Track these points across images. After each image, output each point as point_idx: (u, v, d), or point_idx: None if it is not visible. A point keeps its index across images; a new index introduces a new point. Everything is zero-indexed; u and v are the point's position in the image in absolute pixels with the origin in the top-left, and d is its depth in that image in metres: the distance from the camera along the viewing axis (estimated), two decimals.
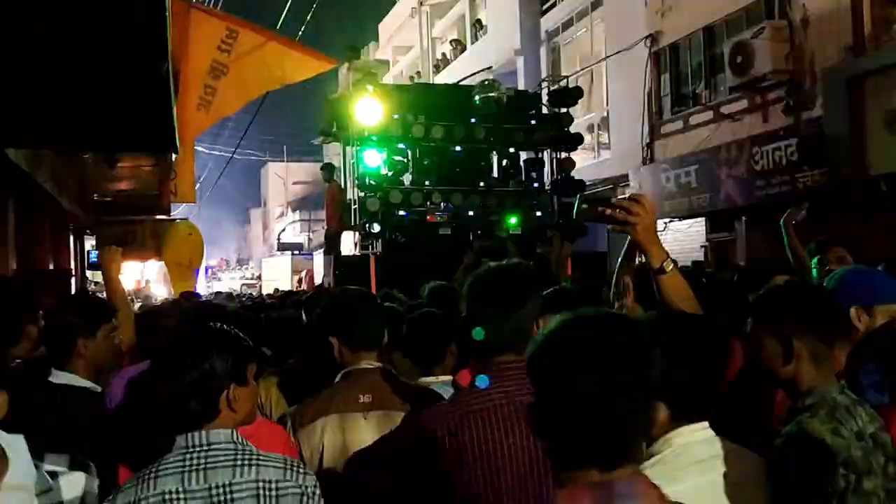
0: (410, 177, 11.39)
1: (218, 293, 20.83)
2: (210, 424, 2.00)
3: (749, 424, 2.32)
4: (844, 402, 1.99)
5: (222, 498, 1.93)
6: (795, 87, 11.59)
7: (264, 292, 23.80)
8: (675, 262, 2.46)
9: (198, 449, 1.97)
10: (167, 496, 1.92)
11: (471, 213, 11.40)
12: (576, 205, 2.41)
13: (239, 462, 1.98)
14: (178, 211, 17.76)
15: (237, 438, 2.02)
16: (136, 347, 3.70)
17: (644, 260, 2.47)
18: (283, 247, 37.97)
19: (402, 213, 11.10)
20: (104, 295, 3.88)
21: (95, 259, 12.23)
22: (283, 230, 42.10)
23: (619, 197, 2.40)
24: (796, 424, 1.96)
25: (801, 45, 11.44)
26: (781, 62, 11.47)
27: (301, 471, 2.06)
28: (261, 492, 1.96)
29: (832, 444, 1.86)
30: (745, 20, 12.60)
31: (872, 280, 2.73)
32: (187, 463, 1.95)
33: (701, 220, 14.07)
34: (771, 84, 11.92)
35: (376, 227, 10.87)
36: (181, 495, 1.92)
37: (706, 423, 1.88)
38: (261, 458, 2.01)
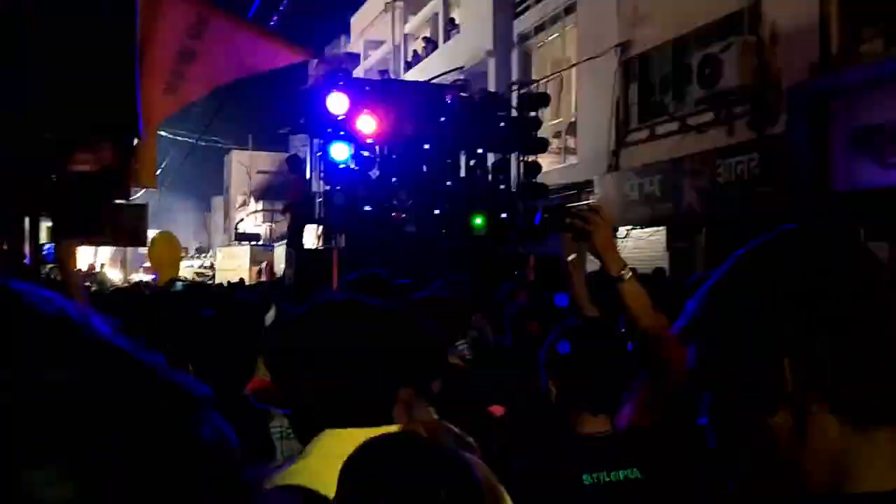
0: (377, 172, 11.36)
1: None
2: None
3: None
4: None
5: None
6: (761, 103, 11.75)
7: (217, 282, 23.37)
8: (633, 270, 2.50)
9: None
10: None
11: (436, 211, 11.40)
12: (538, 215, 2.53)
13: None
14: (138, 196, 17.46)
15: None
16: None
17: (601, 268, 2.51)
18: (240, 237, 37.49)
19: (367, 208, 11.05)
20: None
21: (51, 251, 11.95)
22: (242, 220, 41.58)
23: (577, 204, 2.47)
24: None
25: (769, 61, 11.60)
26: (748, 77, 11.62)
27: None
28: None
29: None
30: (714, 33, 12.74)
31: None
32: None
33: (662, 229, 14.21)
34: (737, 98, 12.08)
35: (341, 221, 10.82)
36: None
37: None
38: None
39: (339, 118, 10.70)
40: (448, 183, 11.52)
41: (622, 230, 14.75)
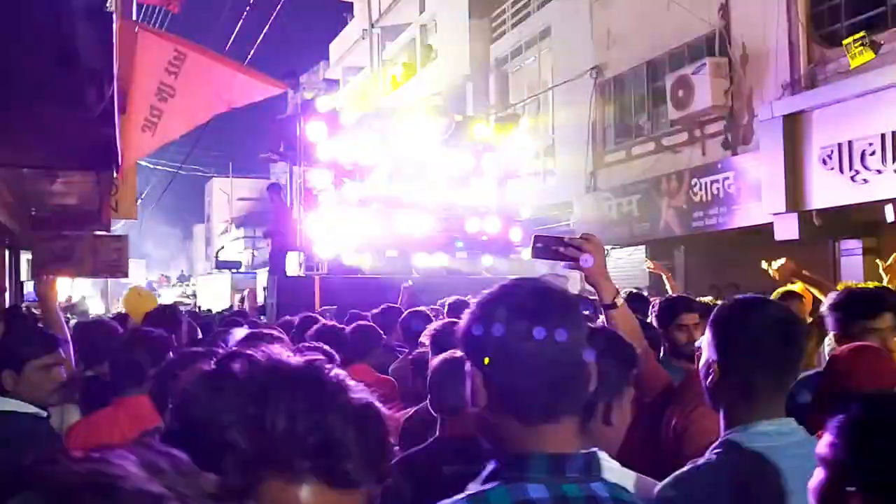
0: (357, 198, 11.40)
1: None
2: None
3: None
4: None
5: None
6: (733, 122, 11.97)
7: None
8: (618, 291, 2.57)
9: None
10: None
11: (418, 235, 11.46)
12: (531, 244, 2.48)
13: None
14: (119, 226, 17.40)
15: None
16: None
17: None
18: (221, 265, 37.19)
19: (349, 234, 11.08)
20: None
21: (32, 292, 11.92)
22: (222, 248, 41.28)
23: (571, 236, 2.48)
24: None
25: (740, 82, 11.83)
26: (721, 97, 11.83)
27: None
28: None
29: None
30: (686, 56, 12.98)
31: None
32: None
33: (641, 248, 14.36)
34: (710, 118, 12.29)
35: (322, 248, 10.85)
36: None
37: None
38: None
39: (319, 146, 10.78)
40: (428, 207, 11.60)
41: None
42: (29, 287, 13.77)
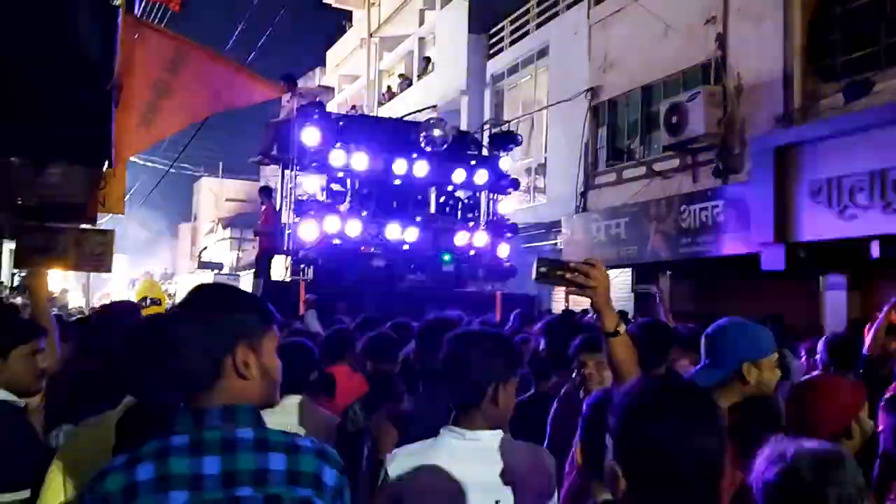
0: (348, 206, 11.38)
1: None
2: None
3: None
4: None
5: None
6: (725, 151, 12.04)
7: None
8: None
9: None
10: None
11: (405, 246, 11.44)
12: (534, 266, 2.46)
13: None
14: (105, 221, 17.24)
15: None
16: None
17: (598, 321, 2.55)
18: (203, 265, 37.00)
19: (336, 241, 11.05)
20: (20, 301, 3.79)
21: (18, 283, 11.80)
22: (206, 248, 41.01)
23: (576, 262, 2.46)
24: None
25: (734, 112, 11.91)
26: (714, 126, 11.91)
27: None
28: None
29: None
30: (681, 83, 13.08)
31: (758, 334, 2.80)
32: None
33: (628, 271, 14.39)
34: (702, 146, 12.36)
35: (309, 254, 10.82)
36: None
37: None
38: None
39: (312, 150, 10.76)
40: (418, 219, 11.58)
41: None
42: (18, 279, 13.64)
